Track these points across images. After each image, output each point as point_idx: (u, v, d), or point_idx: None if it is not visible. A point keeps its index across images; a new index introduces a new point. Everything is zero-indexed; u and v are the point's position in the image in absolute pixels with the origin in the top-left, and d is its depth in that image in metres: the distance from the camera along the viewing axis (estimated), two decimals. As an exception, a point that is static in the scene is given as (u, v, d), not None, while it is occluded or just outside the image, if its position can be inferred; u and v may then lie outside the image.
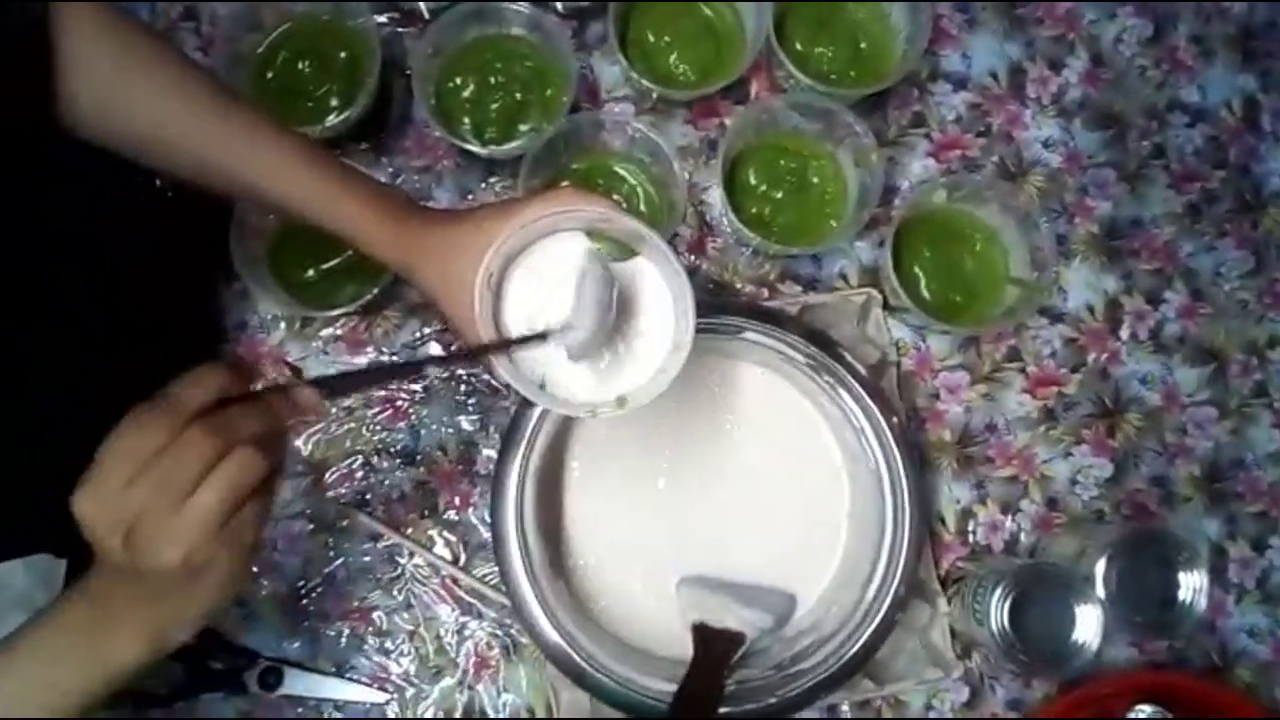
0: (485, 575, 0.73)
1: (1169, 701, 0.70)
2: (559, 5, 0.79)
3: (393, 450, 0.75)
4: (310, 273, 0.74)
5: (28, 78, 0.52)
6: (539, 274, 0.54)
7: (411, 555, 0.73)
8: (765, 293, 0.78)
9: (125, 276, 0.72)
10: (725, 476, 0.72)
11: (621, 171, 0.77)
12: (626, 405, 0.54)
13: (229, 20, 0.75)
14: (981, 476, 0.77)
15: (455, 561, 0.73)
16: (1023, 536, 0.77)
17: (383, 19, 0.79)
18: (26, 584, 0.61)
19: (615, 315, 0.53)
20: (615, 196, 0.76)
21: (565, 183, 0.76)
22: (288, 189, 0.57)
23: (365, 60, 0.74)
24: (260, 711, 0.70)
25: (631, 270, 0.55)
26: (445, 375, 0.76)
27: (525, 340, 0.53)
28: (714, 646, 0.65)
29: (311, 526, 0.73)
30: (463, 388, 0.76)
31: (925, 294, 0.77)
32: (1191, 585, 0.70)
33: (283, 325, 0.76)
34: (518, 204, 0.54)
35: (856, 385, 0.69)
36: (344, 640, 0.72)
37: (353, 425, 0.75)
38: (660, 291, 0.55)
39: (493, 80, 0.76)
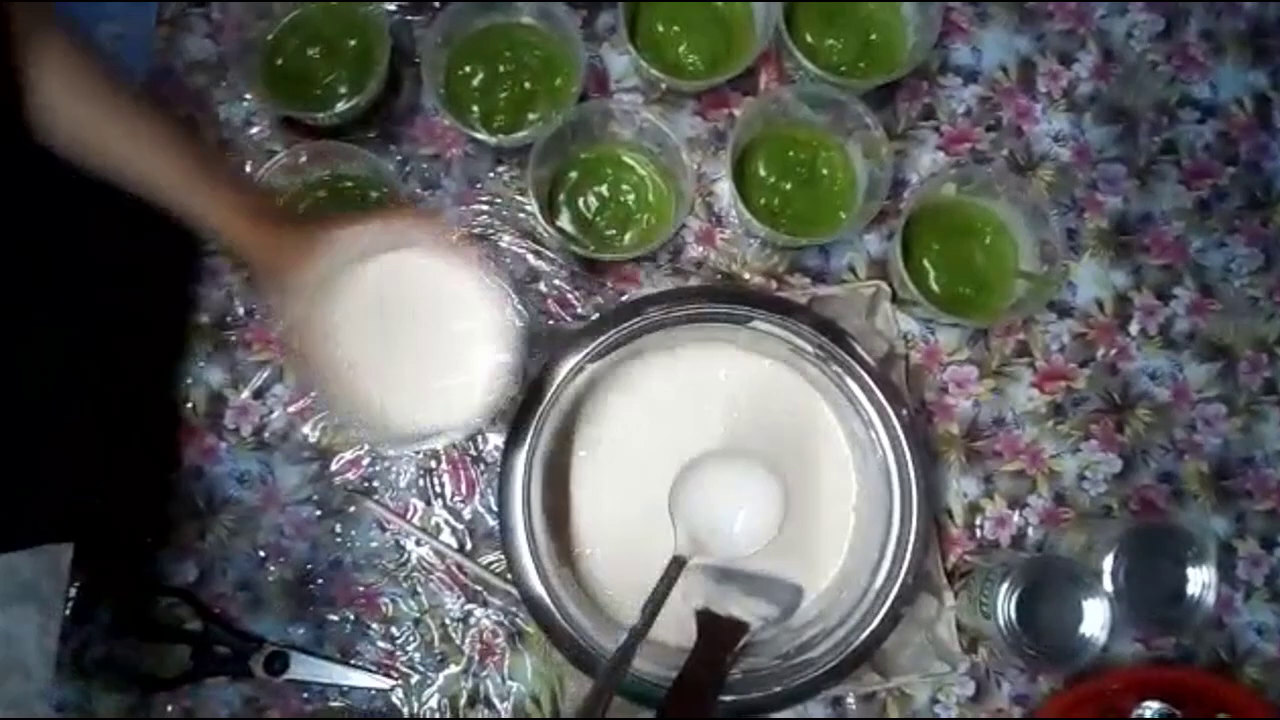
0: (491, 563, 0.72)
1: (1176, 698, 0.69)
2: (569, -6, 0.79)
3: (399, 438, 0.75)
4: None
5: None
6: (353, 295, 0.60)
7: (418, 543, 0.73)
8: (773, 284, 0.78)
9: (124, 265, 0.72)
10: (732, 466, 0.71)
11: (630, 161, 0.77)
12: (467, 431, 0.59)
13: (239, 7, 0.75)
14: (989, 471, 0.77)
15: (461, 549, 0.73)
16: (1030, 531, 0.76)
17: (392, 6, 0.79)
18: (33, 573, 0.61)
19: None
20: (624, 187, 0.76)
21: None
22: (157, 169, 0.60)
23: (375, 48, 0.74)
24: (265, 696, 0.70)
25: (451, 296, 0.60)
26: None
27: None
28: (717, 634, 0.64)
29: (319, 513, 0.73)
30: (470, 377, 0.76)
31: (934, 287, 0.76)
32: (1200, 581, 0.70)
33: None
34: (353, 224, 0.60)
35: (866, 376, 0.69)
36: (349, 626, 0.72)
37: (359, 413, 0.75)
38: (484, 314, 0.60)
39: (502, 69, 0.76)
